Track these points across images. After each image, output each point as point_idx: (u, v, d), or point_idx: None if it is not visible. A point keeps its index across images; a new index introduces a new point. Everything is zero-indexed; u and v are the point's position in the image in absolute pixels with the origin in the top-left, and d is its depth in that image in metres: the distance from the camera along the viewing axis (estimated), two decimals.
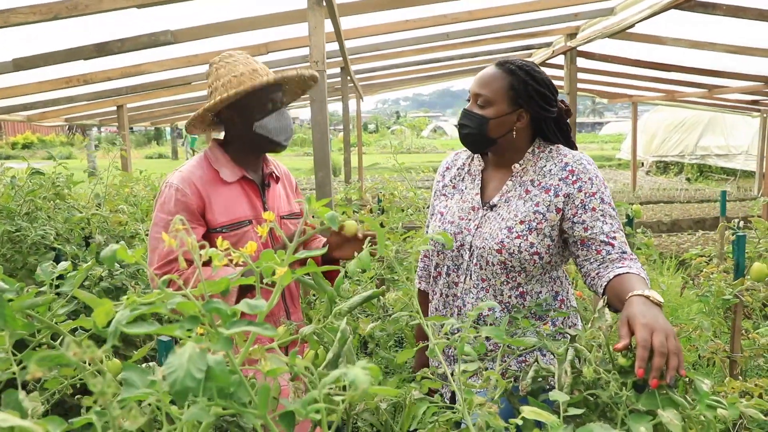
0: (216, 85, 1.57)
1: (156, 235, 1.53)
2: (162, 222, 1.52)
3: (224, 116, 1.60)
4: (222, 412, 0.62)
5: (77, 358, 0.44)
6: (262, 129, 1.58)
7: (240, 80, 1.54)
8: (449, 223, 1.50)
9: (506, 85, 1.39)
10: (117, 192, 3.02)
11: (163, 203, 1.54)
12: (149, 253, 1.52)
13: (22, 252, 2.01)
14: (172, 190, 1.53)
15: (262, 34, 4.14)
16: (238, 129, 1.60)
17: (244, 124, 1.59)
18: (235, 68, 1.56)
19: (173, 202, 1.52)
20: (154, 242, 1.52)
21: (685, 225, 7.88)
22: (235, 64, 1.58)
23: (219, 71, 1.57)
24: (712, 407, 0.89)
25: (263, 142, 1.61)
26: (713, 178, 13.63)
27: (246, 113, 1.58)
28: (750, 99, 8.62)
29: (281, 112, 1.62)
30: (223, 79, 1.56)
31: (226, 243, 0.70)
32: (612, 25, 4.72)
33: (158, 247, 1.50)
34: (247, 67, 1.58)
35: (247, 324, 0.60)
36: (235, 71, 1.55)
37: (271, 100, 1.59)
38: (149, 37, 3.42)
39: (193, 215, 1.53)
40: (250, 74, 1.56)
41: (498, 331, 0.95)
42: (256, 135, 1.59)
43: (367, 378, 0.45)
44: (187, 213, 1.52)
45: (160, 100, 6.60)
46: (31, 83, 4.40)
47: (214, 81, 1.58)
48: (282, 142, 1.63)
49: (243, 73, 1.55)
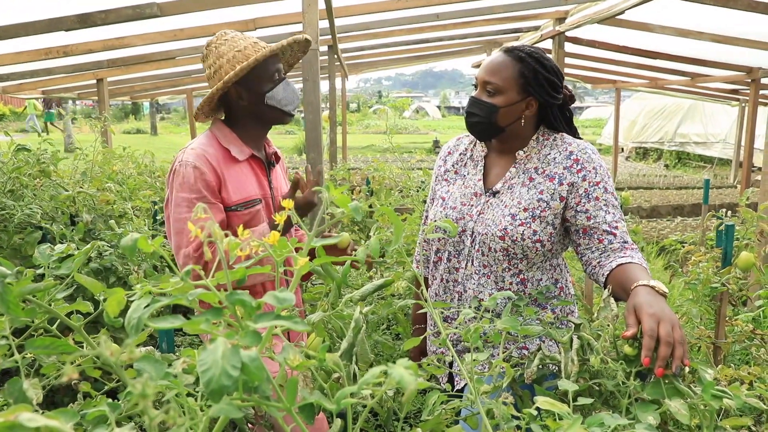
0: (220, 63, 1.53)
1: (181, 216, 1.48)
2: (185, 202, 1.48)
3: (231, 94, 1.57)
4: (244, 404, 0.61)
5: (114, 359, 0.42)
6: (272, 100, 1.58)
7: (245, 54, 1.52)
8: (451, 209, 1.49)
9: (516, 72, 1.38)
10: (101, 169, 2.95)
11: (182, 183, 1.49)
12: (175, 236, 1.48)
13: (8, 231, 1.95)
14: (190, 168, 1.49)
15: (250, 10, 4.05)
16: (249, 104, 1.58)
17: (254, 97, 1.57)
18: (236, 43, 1.55)
19: (194, 179, 1.48)
20: (179, 224, 1.48)
21: (664, 211, 8.02)
22: (234, 39, 1.57)
23: (219, 49, 1.54)
24: (717, 397, 0.90)
25: (275, 113, 1.61)
26: (691, 165, 13.86)
27: (255, 86, 1.56)
28: (731, 88, 8.74)
29: (286, 82, 1.62)
30: (226, 55, 1.53)
31: (247, 232, 0.68)
32: (602, 11, 4.72)
33: (185, 229, 1.46)
34: (247, 41, 1.58)
35: (275, 317, 0.58)
36: (237, 46, 1.54)
37: (276, 71, 1.59)
38: (134, 9, 3.31)
39: (214, 193, 1.51)
40: (252, 46, 1.55)
41: (513, 322, 0.95)
42: (268, 107, 1.58)
43: (414, 378, 0.44)
44: (208, 190, 1.50)
45: (141, 74, 6.44)
46: (8, 53, 4.24)
47: (217, 59, 1.54)
48: (292, 112, 1.64)
49: (246, 46, 1.54)
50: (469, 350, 0.97)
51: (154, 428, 0.43)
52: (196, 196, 1.48)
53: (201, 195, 1.48)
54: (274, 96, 1.58)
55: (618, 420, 0.81)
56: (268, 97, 1.57)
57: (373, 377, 0.49)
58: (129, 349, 0.42)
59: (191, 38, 4.41)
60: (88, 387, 1.08)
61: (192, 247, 1.44)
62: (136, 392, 0.41)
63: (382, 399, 1.08)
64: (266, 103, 1.57)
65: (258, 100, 1.57)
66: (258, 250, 0.69)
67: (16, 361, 0.87)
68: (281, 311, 0.63)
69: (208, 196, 1.49)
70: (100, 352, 0.42)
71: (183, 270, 0.65)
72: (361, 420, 0.75)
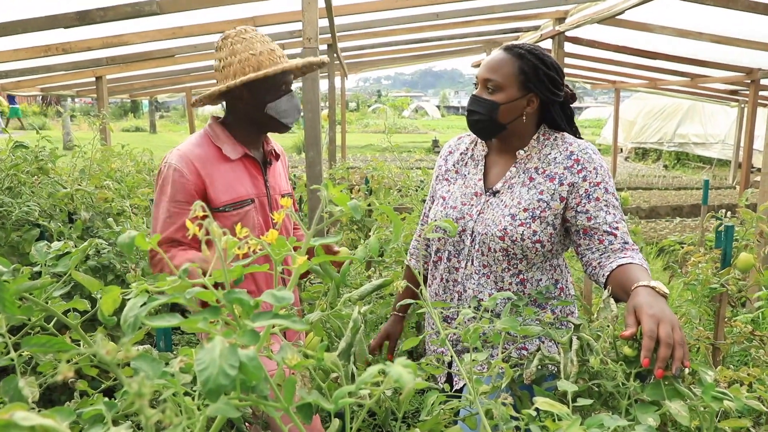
0: (231, 61, 1.52)
1: (155, 214, 1.50)
2: (161, 203, 1.50)
3: (235, 93, 1.57)
4: (241, 404, 0.61)
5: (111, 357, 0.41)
6: (272, 110, 1.57)
7: (259, 60, 1.51)
8: (451, 208, 1.49)
9: (516, 69, 1.37)
10: (99, 166, 2.94)
11: (162, 184, 1.51)
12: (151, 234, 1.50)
13: (6, 228, 1.94)
14: (171, 170, 1.50)
15: (249, 8, 4.03)
16: (248, 108, 1.58)
17: (255, 105, 1.56)
18: (252, 45, 1.53)
19: (170, 182, 1.49)
20: (153, 221, 1.50)
21: (663, 212, 8.02)
22: (251, 41, 1.55)
23: (235, 46, 1.53)
24: (717, 399, 0.90)
25: (272, 123, 1.60)
26: (690, 165, 13.87)
27: (260, 94, 1.55)
28: (730, 89, 8.74)
29: (291, 95, 1.61)
30: (240, 55, 1.52)
31: (245, 230, 0.67)
32: (602, 11, 4.71)
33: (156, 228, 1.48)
34: (264, 46, 1.56)
35: (273, 316, 0.58)
36: (252, 49, 1.52)
37: (285, 82, 1.58)
38: (133, 6, 3.29)
39: (192, 196, 1.50)
40: (268, 54, 1.54)
41: (512, 322, 0.94)
42: (267, 116, 1.57)
43: (412, 377, 0.43)
44: (184, 194, 1.49)
45: (140, 72, 6.42)
46: (6, 50, 4.22)
47: (229, 56, 1.53)
48: (289, 125, 1.62)
49: (261, 52, 1.53)
50: (468, 350, 0.97)
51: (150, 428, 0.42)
52: (168, 199, 1.49)
53: (174, 199, 1.49)
54: (275, 107, 1.57)
55: (617, 421, 0.81)
56: (269, 107, 1.56)
57: (371, 376, 0.48)
58: (125, 348, 0.42)
59: (190, 36, 4.40)
60: (85, 385, 1.07)
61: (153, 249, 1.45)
62: (132, 391, 0.40)
63: (380, 399, 1.08)
64: (266, 111, 1.56)
65: (258, 107, 1.56)
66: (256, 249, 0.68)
67: (12, 359, 0.86)
68: (279, 310, 0.62)
69: (182, 200, 1.49)
70: (96, 350, 0.42)
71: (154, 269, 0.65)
72: (358, 420, 0.74)
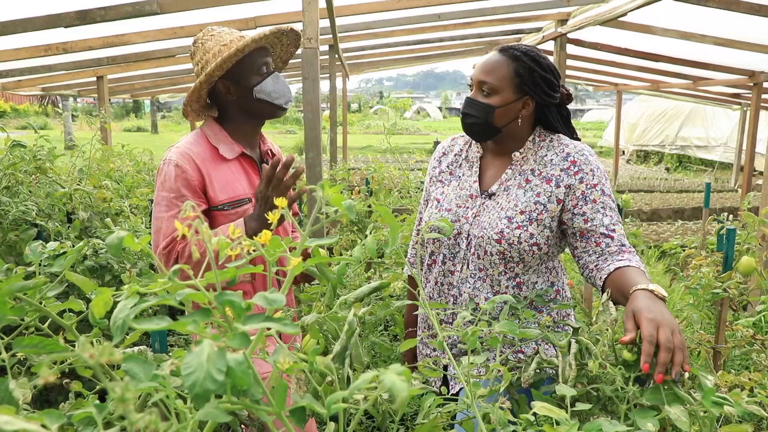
0: (206, 58, 1.52)
1: (159, 215, 1.48)
2: (164, 200, 1.47)
3: (220, 89, 1.56)
4: (232, 407, 0.59)
5: (94, 360, 0.40)
6: (261, 93, 1.55)
7: (230, 47, 1.51)
8: (446, 211, 1.47)
9: (511, 71, 1.35)
10: (98, 166, 2.93)
11: (163, 181, 1.49)
12: (153, 235, 1.47)
13: (3, 228, 1.93)
14: (171, 166, 1.48)
15: (250, 8, 4.03)
16: (238, 98, 1.56)
17: (243, 91, 1.55)
18: (222, 38, 1.53)
19: (173, 178, 1.47)
20: (157, 222, 1.47)
21: (665, 214, 8.00)
22: (221, 34, 1.55)
23: (206, 45, 1.54)
24: (717, 404, 0.89)
25: (265, 107, 1.58)
26: (692, 168, 13.85)
27: (243, 79, 1.54)
28: (732, 92, 8.72)
29: (276, 75, 1.59)
30: (212, 50, 1.52)
31: (239, 231, 0.66)
32: (604, 13, 4.70)
33: (161, 228, 1.46)
34: (233, 35, 1.56)
35: (264, 319, 0.57)
36: (223, 40, 1.52)
37: (264, 63, 1.57)
38: (134, 6, 3.29)
39: (195, 192, 1.49)
40: (238, 40, 1.53)
41: (511, 326, 0.93)
42: (257, 100, 1.55)
43: (405, 385, 0.42)
44: (188, 189, 1.48)
45: (141, 72, 6.41)
46: (7, 50, 4.22)
47: (203, 55, 1.53)
48: (283, 105, 1.60)
49: (231, 40, 1.53)
50: (465, 353, 0.96)
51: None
52: (174, 195, 1.47)
53: (180, 194, 1.47)
54: (263, 89, 1.55)
55: (616, 426, 0.80)
56: (257, 91, 1.54)
57: (365, 382, 0.47)
58: (108, 351, 0.41)
59: (191, 36, 4.38)
60: (80, 386, 1.06)
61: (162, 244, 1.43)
62: (115, 396, 0.39)
63: (377, 402, 1.07)
64: (255, 96, 1.55)
65: (247, 94, 1.55)
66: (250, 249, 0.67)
67: (3, 360, 0.85)
68: (272, 313, 0.61)
69: (188, 195, 1.47)
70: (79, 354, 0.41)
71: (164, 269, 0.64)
72: (354, 422, 0.73)
